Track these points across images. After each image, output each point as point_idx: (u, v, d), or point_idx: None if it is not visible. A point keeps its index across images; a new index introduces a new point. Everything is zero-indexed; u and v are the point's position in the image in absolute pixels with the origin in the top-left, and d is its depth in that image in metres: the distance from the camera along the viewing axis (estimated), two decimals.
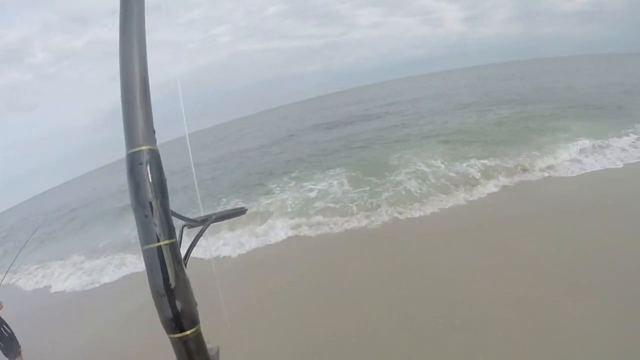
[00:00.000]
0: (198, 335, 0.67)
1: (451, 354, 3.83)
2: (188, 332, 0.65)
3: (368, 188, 9.98)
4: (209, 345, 0.73)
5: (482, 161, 10.24)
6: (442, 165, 10.77)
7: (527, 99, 22.00)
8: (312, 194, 10.62)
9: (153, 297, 0.64)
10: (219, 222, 0.99)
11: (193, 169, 1.25)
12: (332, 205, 9.43)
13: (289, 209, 9.86)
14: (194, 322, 0.66)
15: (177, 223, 0.77)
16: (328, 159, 15.09)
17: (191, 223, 0.89)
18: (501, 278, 4.95)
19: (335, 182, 11.21)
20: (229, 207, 11.62)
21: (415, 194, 9.04)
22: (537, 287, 4.60)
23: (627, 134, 10.89)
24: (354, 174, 11.58)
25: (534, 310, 4.21)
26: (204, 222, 0.92)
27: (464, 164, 10.31)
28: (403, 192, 9.19)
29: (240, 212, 1.12)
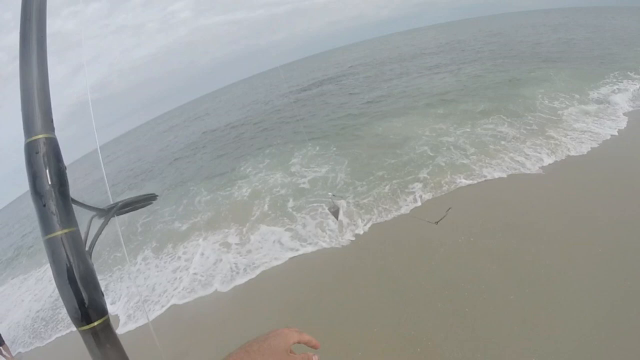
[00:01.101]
0: (107, 326, 0.64)
1: (440, 308, 3.97)
2: (96, 323, 0.61)
3: (382, 173, 8.08)
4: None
5: (494, 121, 9.47)
6: (456, 132, 9.43)
7: (499, 53, 21.77)
8: (305, 185, 8.70)
9: (58, 288, 0.61)
10: (129, 212, 0.94)
11: (100, 158, 1.33)
12: (358, 200, 7.24)
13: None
14: (102, 312, 0.63)
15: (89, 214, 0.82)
16: (315, 137, 12.98)
17: (98, 212, 0.86)
18: (487, 235, 4.98)
19: (337, 168, 9.15)
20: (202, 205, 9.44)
21: (459, 163, 7.52)
22: (521, 241, 4.69)
23: (604, 85, 11.07)
24: (357, 152, 9.84)
25: (517, 262, 4.35)
26: (109, 212, 0.88)
27: (478, 129, 9.30)
28: (443, 164, 7.64)
29: (149, 198, 1.07)
